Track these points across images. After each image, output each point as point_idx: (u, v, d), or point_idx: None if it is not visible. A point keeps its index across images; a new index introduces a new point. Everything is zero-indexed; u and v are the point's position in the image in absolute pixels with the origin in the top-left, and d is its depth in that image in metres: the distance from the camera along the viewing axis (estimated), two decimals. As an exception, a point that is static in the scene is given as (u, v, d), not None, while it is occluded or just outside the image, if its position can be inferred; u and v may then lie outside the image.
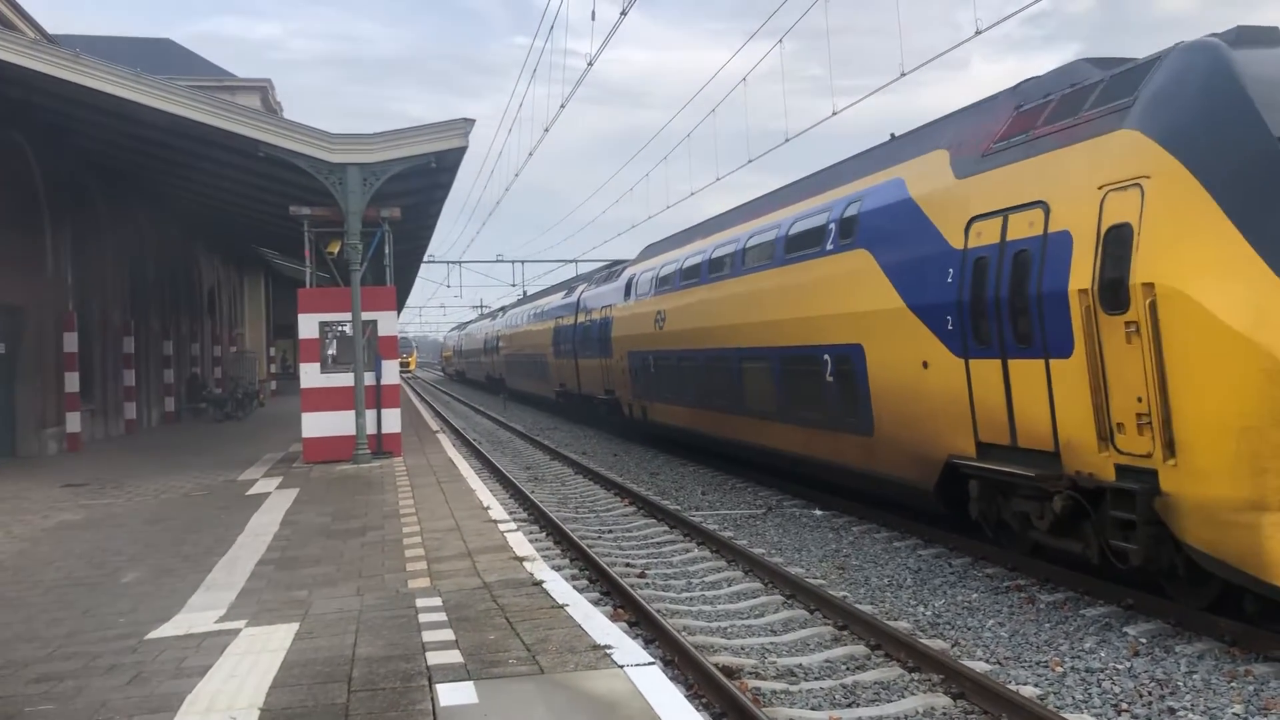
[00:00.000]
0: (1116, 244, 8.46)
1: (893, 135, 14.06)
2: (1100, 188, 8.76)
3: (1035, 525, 9.81)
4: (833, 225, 13.62)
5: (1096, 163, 8.91)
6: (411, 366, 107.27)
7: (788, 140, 21.14)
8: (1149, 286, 8.05)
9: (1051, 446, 9.26)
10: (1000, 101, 11.27)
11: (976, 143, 10.97)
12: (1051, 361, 9.20)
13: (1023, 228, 9.69)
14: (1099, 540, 8.99)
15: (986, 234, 10.23)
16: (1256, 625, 7.96)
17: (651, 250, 24.61)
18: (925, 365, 11.16)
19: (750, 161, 24.04)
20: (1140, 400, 8.20)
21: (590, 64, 20.39)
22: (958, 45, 15.21)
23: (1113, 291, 8.44)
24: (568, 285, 37.19)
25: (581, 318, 29.71)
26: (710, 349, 17.94)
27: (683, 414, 20.22)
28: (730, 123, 27.48)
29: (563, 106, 23.73)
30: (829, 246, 13.61)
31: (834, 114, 18.63)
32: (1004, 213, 10.02)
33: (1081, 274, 8.78)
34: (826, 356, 13.49)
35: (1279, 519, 7.30)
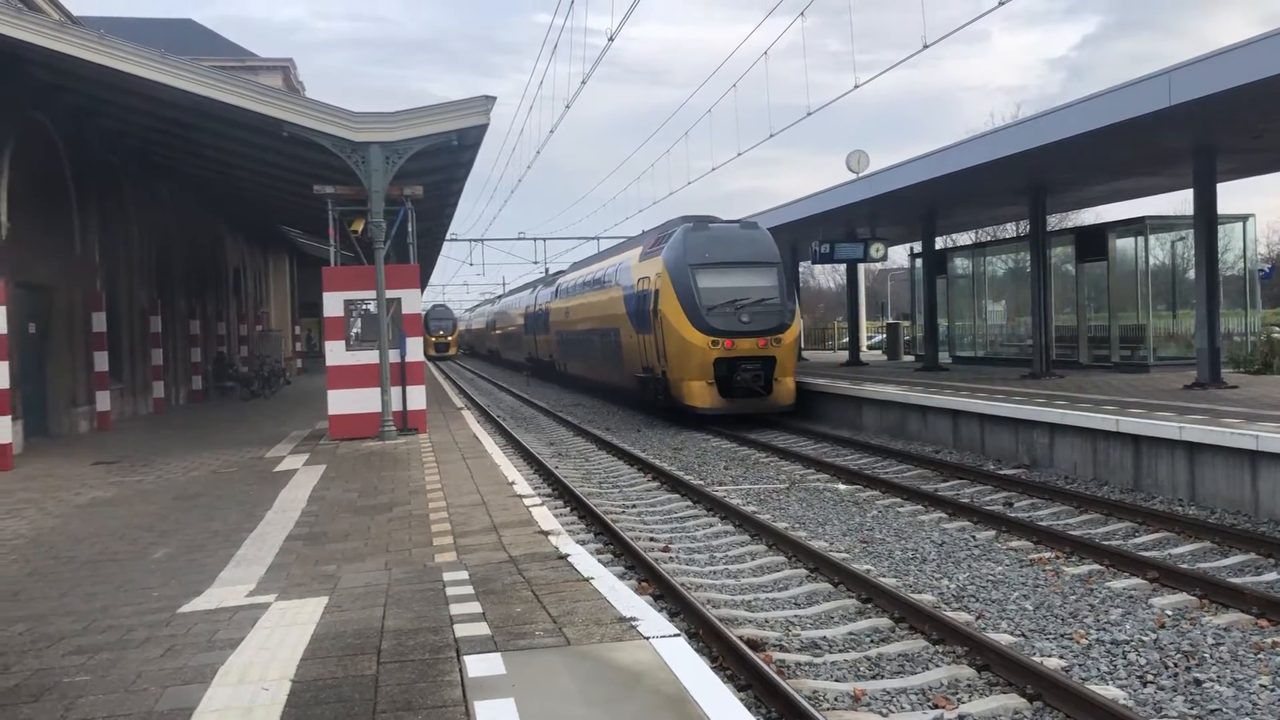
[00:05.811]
0: (656, 295, 22.89)
1: (643, 231, 30.13)
2: (654, 274, 23.25)
3: (652, 395, 24.01)
4: (614, 272, 28.11)
5: (654, 266, 23.51)
6: (452, 349, 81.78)
7: (810, 114, 21.14)
8: (659, 310, 22.74)
9: (654, 368, 23.51)
10: (657, 231, 25.75)
11: (645, 248, 25.35)
12: (648, 336, 23.59)
13: (645, 285, 23.98)
14: (661, 398, 23.36)
15: (640, 285, 24.41)
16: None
17: (575, 265, 39.45)
18: (630, 337, 25.36)
19: (771, 136, 24.12)
20: (661, 350, 22.88)
21: (610, 39, 20.32)
22: (978, 18, 15.18)
23: (655, 311, 22.92)
24: (532, 285, 50.96)
25: (538, 307, 42.61)
26: (582, 329, 32.51)
27: (578, 366, 34.72)
28: (752, 98, 27.99)
29: (584, 82, 23.74)
30: (613, 283, 27.80)
31: (855, 88, 18.62)
32: (644, 278, 24.13)
33: (653, 304, 23.09)
34: (611, 334, 27.60)
35: (689, 385, 22.03)
